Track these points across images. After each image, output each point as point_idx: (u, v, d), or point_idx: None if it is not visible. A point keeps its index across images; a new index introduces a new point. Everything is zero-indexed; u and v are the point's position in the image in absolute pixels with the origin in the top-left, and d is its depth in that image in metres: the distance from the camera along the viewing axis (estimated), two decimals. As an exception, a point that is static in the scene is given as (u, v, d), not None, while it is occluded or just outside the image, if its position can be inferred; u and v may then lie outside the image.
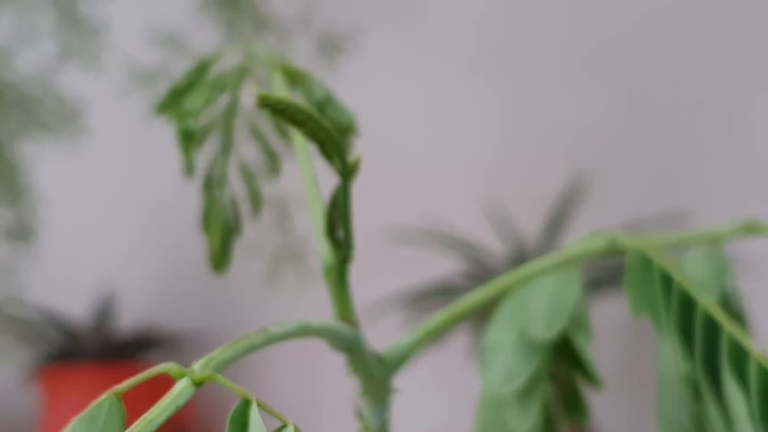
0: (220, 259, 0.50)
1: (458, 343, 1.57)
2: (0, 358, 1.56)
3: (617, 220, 1.63)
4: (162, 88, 0.85)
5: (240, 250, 0.52)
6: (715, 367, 0.42)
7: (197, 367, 0.32)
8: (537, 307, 0.48)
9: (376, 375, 0.43)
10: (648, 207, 1.70)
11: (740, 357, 0.41)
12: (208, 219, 0.51)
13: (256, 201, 0.52)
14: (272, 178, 0.53)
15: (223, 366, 0.33)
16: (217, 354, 0.33)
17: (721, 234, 0.51)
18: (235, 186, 0.51)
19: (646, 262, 0.45)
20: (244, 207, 0.51)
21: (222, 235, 0.50)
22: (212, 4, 0.93)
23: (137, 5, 1.04)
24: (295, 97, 0.48)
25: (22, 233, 1.37)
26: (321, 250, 0.42)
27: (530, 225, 1.70)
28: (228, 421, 0.30)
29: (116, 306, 1.77)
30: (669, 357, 0.43)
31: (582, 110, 1.79)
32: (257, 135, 0.47)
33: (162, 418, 0.30)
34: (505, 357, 0.49)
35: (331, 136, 0.37)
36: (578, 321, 0.50)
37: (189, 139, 0.45)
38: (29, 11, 1.14)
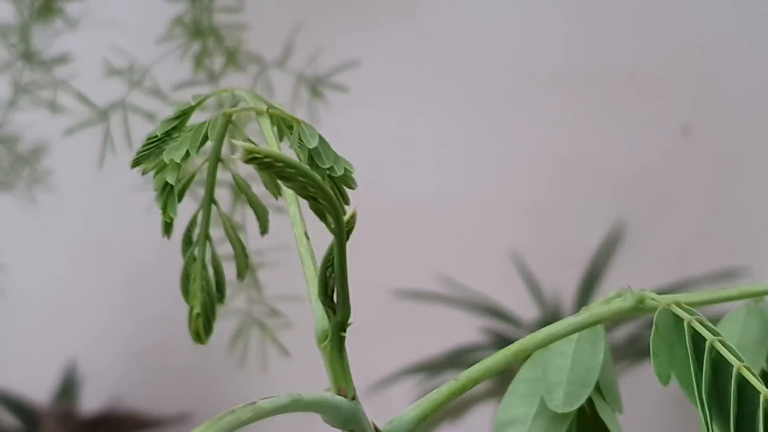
0: (201, 327, 0.54)
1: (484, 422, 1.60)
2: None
3: (663, 276, 1.66)
4: (124, 127, 0.89)
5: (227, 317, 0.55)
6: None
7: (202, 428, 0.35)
8: (556, 377, 0.52)
9: (377, 452, 0.46)
10: (698, 261, 1.73)
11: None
12: (187, 283, 0.54)
13: (242, 263, 0.55)
14: (260, 236, 0.56)
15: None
16: (202, 429, 0.36)
17: (764, 289, 0.54)
18: (219, 246, 0.54)
19: (675, 322, 0.48)
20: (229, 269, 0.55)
21: (203, 300, 0.54)
22: (178, 35, 0.97)
23: (96, 37, 1.08)
24: (285, 147, 0.52)
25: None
26: (315, 314, 0.45)
27: (566, 282, 1.73)
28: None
29: (80, 384, 1.80)
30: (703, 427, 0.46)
31: (623, 151, 1.83)
32: (242, 189, 0.51)
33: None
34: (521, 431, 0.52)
35: (323, 191, 0.41)
36: (605, 389, 0.53)
37: (168, 195, 0.49)
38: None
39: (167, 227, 0.52)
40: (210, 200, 0.54)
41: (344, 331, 0.45)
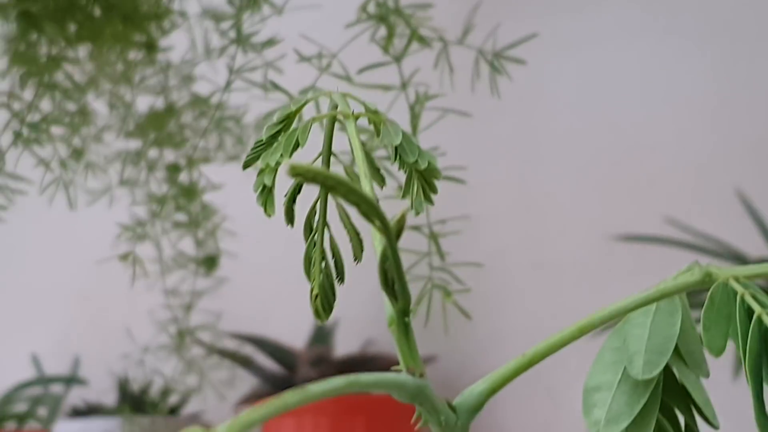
0: (320, 306, 0.60)
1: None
2: (218, 390, 1.73)
3: None
4: (316, 110, 0.95)
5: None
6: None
7: (222, 429, 0.41)
8: (636, 346, 0.55)
9: (448, 424, 0.50)
10: None
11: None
12: (308, 266, 0.60)
13: (357, 247, 0.61)
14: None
15: (249, 427, 0.42)
16: (245, 416, 0.42)
17: None
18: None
19: (730, 295, 0.50)
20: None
21: (322, 282, 0.59)
22: (364, 19, 1.03)
23: (288, 23, 1.15)
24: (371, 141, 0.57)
25: (211, 263, 1.52)
26: (385, 302, 0.50)
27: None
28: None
29: (333, 330, 1.91)
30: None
31: None
32: (342, 219, 0.56)
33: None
34: (607, 398, 0.55)
35: (364, 198, 0.45)
36: (687, 356, 0.55)
37: (267, 195, 0.55)
38: (202, 28, 1.28)
39: (288, 218, 0.58)
40: (326, 191, 0.60)
41: (407, 316, 0.49)
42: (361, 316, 1.95)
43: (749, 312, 0.49)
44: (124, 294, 1.36)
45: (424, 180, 0.56)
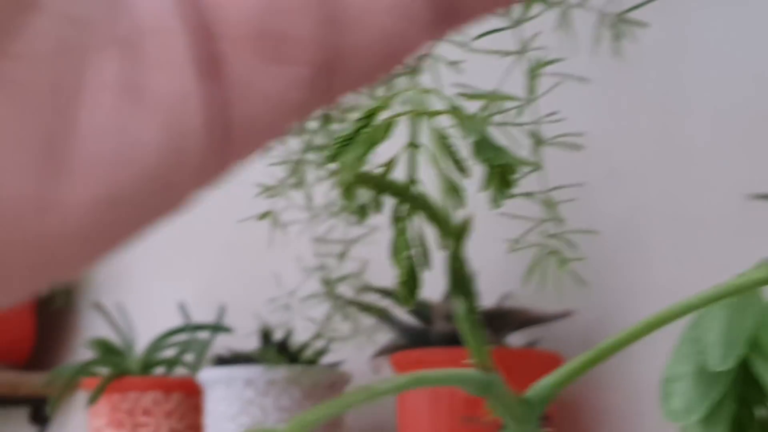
0: (405, 292, 0.62)
1: None
2: (355, 344, 1.77)
3: None
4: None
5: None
6: None
7: (286, 428, 0.44)
8: (712, 338, 0.56)
9: (519, 415, 0.53)
10: None
11: None
12: (395, 253, 0.63)
13: (444, 231, 0.63)
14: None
15: (312, 426, 0.45)
16: (308, 415, 0.45)
17: None
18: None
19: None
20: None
21: (407, 269, 0.62)
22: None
23: None
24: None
25: (362, 211, 1.56)
26: (454, 299, 0.52)
27: None
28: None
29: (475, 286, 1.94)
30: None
31: None
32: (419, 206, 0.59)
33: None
34: (684, 388, 0.57)
35: (426, 204, 0.48)
36: (763, 348, 0.56)
37: (348, 190, 0.58)
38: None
39: (362, 213, 0.60)
40: (411, 182, 0.62)
41: (474, 313, 0.52)
42: (498, 270, 1.97)
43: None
44: (270, 243, 1.41)
45: (501, 176, 0.58)
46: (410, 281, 0.62)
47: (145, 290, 2.33)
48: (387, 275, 1.91)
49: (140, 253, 2.48)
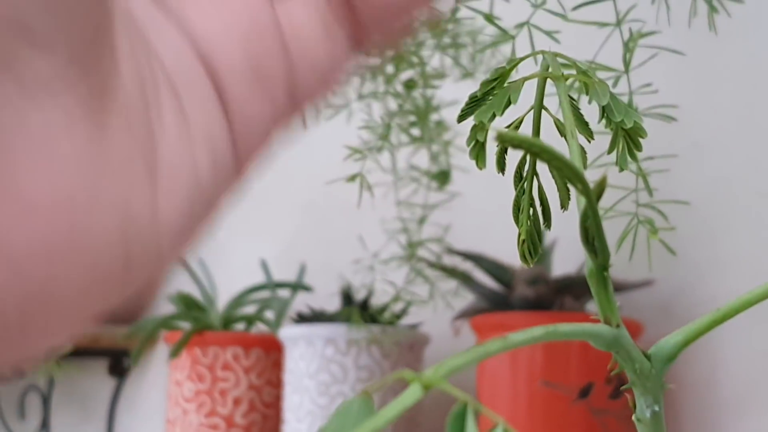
0: (526, 251, 0.64)
1: None
2: (432, 307, 1.79)
3: None
4: (530, 45, 0.97)
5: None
6: None
7: (428, 372, 0.46)
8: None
9: (643, 371, 0.54)
10: None
11: None
12: (517, 212, 0.64)
13: (564, 195, 0.65)
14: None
15: (454, 372, 0.46)
16: (449, 361, 0.46)
17: None
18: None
19: None
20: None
21: (529, 228, 0.64)
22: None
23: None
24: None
25: (444, 177, 1.57)
26: (585, 257, 0.54)
27: None
28: (448, 421, 0.44)
29: (551, 250, 1.95)
30: None
31: None
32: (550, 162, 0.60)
33: (391, 415, 0.44)
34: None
35: (567, 164, 0.49)
36: None
37: (479, 149, 0.59)
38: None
39: (500, 167, 0.62)
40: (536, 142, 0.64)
41: (606, 270, 0.53)
42: (579, 237, 1.98)
43: None
44: (352, 205, 1.43)
45: (629, 138, 0.59)
46: (532, 240, 0.64)
47: (227, 247, 2.36)
48: (467, 240, 1.93)
49: (223, 210, 2.50)
